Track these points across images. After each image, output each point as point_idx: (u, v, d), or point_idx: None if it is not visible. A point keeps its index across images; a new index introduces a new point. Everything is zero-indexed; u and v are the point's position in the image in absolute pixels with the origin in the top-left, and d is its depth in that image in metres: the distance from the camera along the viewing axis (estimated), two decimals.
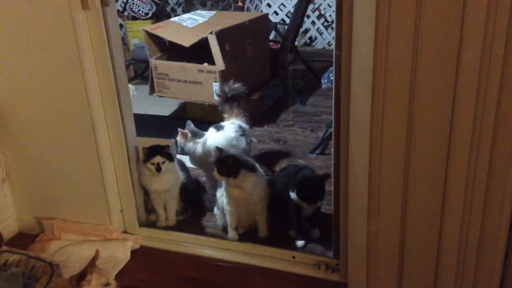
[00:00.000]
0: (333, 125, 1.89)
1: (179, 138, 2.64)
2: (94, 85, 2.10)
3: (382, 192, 1.68)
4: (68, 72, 2.06)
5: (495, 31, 1.36)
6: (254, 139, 2.82)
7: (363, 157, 1.66)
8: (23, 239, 2.42)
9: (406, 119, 1.54)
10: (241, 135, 2.74)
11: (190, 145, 2.62)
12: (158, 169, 2.28)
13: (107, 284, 1.71)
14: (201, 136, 2.64)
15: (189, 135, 2.60)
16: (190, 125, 2.69)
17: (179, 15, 6.04)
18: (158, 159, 2.29)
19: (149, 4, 5.46)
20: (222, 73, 3.33)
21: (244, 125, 2.82)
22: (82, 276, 1.67)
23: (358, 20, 1.55)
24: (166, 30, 3.64)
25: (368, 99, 1.56)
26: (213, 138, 2.67)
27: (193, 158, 2.68)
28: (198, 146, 2.62)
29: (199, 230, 2.44)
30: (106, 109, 2.16)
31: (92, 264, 1.71)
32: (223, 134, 2.70)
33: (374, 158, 1.64)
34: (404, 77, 1.50)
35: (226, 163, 2.18)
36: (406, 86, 1.50)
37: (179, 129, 2.62)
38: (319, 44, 5.90)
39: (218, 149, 2.28)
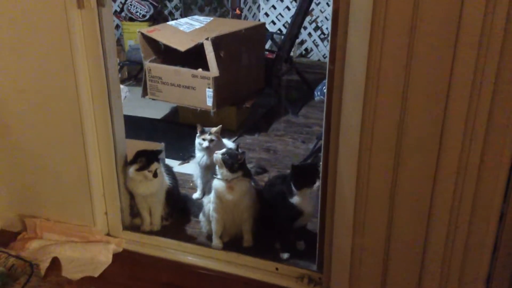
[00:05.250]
0: (323, 138, 1.89)
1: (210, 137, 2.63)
2: (85, 85, 2.08)
3: (368, 208, 1.68)
4: (60, 70, 2.05)
5: (489, 50, 1.38)
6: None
7: (351, 172, 1.66)
8: (4, 237, 2.38)
9: (396, 138, 1.55)
10: None
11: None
12: (155, 175, 2.28)
13: None
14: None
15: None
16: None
17: (176, 19, 6.04)
18: (155, 165, 2.28)
19: (147, 6, 5.44)
20: (216, 79, 3.33)
21: None
22: None
23: (353, 35, 1.55)
24: (162, 33, 3.63)
25: (359, 115, 1.57)
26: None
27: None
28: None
29: (183, 236, 2.41)
30: (96, 110, 2.14)
31: None
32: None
33: (362, 173, 1.64)
34: (395, 95, 1.51)
35: (237, 156, 2.20)
36: (397, 104, 1.51)
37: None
38: (315, 56, 5.92)
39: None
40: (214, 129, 2.66)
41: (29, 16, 2.00)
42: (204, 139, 2.62)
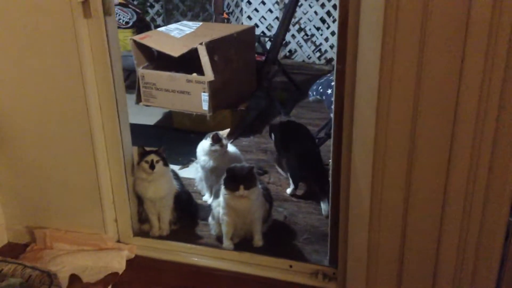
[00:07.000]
0: (332, 136, 1.94)
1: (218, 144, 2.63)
2: (93, 94, 2.09)
3: (383, 203, 1.73)
4: (68, 80, 2.05)
5: (497, 44, 1.45)
6: None
7: (366, 168, 1.71)
8: (13, 249, 2.37)
9: (409, 132, 1.61)
10: None
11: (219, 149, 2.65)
12: (152, 166, 2.27)
13: None
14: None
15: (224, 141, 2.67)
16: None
17: (158, 25, 6.04)
18: (152, 157, 2.29)
19: (129, 13, 5.42)
20: (211, 83, 3.36)
21: None
22: None
23: (365, 35, 1.60)
24: (154, 40, 3.64)
25: (373, 111, 1.62)
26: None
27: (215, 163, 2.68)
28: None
29: (193, 239, 2.43)
30: (104, 117, 2.15)
31: None
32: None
33: (377, 170, 1.69)
34: (408, 92, 1.56)
35: (252, 175, 2.24)
36: (410, 100, 1.57)
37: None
38: (299, 57, 5.99)
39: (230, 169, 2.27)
40: (225, 134, 2.69)
41: (36, 27, 2.00)
42: (221, 146, 2.62)
